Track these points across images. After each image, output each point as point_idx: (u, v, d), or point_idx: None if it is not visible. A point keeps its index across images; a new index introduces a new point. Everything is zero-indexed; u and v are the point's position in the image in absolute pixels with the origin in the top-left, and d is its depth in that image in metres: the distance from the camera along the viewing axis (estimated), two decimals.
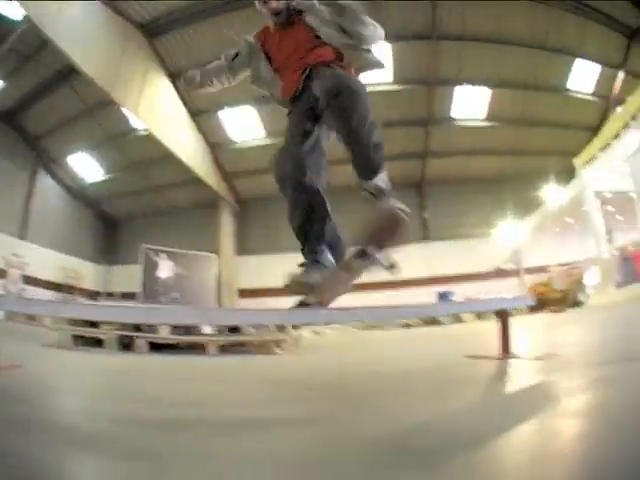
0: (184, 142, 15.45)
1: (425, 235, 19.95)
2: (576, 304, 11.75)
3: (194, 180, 17.01)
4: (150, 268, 13.92)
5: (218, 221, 18.74)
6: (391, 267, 2.29)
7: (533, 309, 12.71)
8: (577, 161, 12.83)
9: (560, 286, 13.86)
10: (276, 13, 2.63)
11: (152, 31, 13.76)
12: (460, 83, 16.68)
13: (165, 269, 14.23)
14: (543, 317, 10.35)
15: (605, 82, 16.64)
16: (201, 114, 16.70)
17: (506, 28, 14.71)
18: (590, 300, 11.33)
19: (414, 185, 20.62)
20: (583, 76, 16.50)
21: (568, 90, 16.99)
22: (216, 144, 18.05)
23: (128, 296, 15.24)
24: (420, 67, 15.97)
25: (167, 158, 15.30)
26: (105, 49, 11.40)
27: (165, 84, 14.67)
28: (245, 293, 18.42)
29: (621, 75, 16.14)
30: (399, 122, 17.71)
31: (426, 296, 17.58)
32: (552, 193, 15.56)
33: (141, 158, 17.71)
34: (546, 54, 15.50)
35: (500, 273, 18.28)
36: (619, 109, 11.08)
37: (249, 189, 20.22)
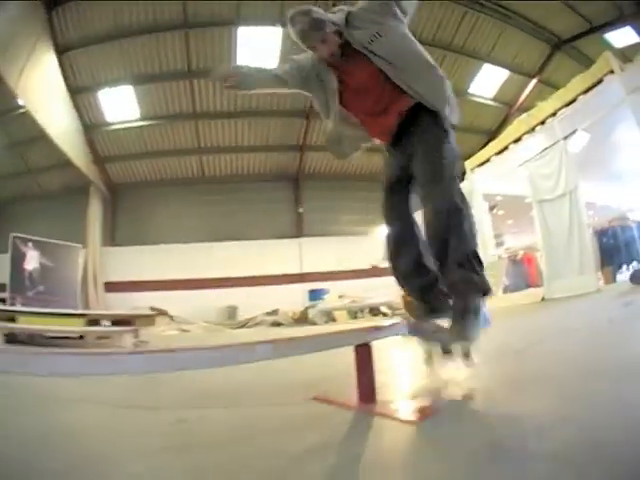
0: (60, 122, 13.86)
1: (299, 230, 19.49)
2: None
3: (66, 163, 15.24)
4: (18, 258, 12.43)
5: (87, 209, 16.97)
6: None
7: (411, 312, 12.30)
8: (468, 163, 12.58)
9: None
10: (329, 55, 2.42)
11: (52, 2, 12.22)
12: None
13: (32, 260, 12.69)
14: None
15: (512, 88, 16.97)
16: (81, 93, 15.02)
17: (411, 25, 14.20)
18: None
19: (290, 178, 20.01)
20: (488, 81, 16.62)
21: (469, 94, 16.92)
22: (91, 125, 16.33)
23: (1, 288, 13.78)
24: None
25: (42, 139, 13.56)
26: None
27: (52, 60, 13.07)
28: (111, 286, 16.88)
29: (532, 82, 16.52)
30: (280, 111, 17.01)
31: (299, 292, 17.61)
32: None
33: (18, 138, 15.63)
34: (450, 55, 15.31)
35: (376, 272, 17.73)
36: (524, 115, 10.91)
37: (120, 175, 18.72)
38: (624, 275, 8.59)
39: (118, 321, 8.60)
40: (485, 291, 2.13)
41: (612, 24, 13.46)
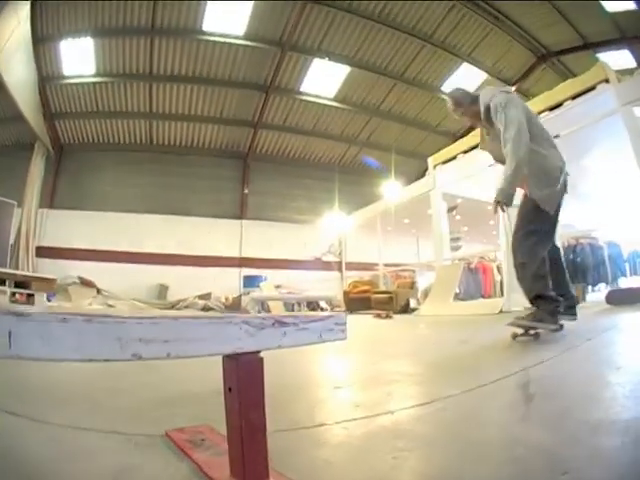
0: (18, 72, 12.50)
1: (242, 212, 18.39)
2: (406, 310, 10.62)
3: (17, 115, 13.55)
4: None
5: (29, 166, 15.22)
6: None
7: (353, 309, 11.85)
8: (432, 160, 11.84)
9: (387, 287, 12.96)
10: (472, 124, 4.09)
11: None
12: (320, 55, 15.03)
13: None
14: (365, 322, 8.28)
15: None
16: (44, 41, 13.72)
17: (392, 10, 13.57)
18: (423, 308, 9.98)
19: (240, 156, 18.81)
20: (464, 81, 15.71)
21: (441, 91, 16.21)
22: (48, 77, 14.98)
23: None
24: (279, 26, 14.03)
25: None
26: None
27: (25, 5, 11.84)
28: (44, 251, 15.22)
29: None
30: (238, 83, 15.95)
31: (235, 277, 16.91)
32: (393, 190, 14.49)
33: None
34: (429, 48, 14.75)
35: (318, 264, 17.60)
36: None
37: (68, 134, 17.30)
38: (592, 295, 8.21)
39: (21, 283, 7.88)
40: (543, 319, 3.28)
41: (609, 44, 13.15)
